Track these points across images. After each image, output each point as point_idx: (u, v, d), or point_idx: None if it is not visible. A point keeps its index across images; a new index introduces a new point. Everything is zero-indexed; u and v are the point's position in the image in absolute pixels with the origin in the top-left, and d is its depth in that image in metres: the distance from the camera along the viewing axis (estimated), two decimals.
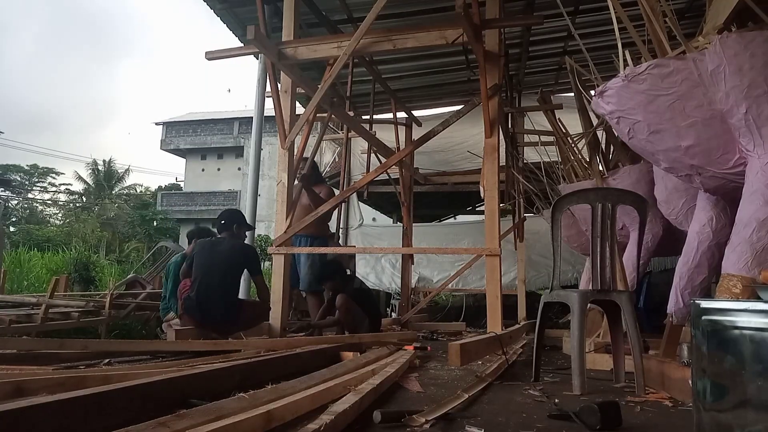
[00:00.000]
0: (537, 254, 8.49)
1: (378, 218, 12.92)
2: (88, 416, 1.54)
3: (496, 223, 4.18)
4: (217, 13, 6.02)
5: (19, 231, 28.38)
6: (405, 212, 7.59)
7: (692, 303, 1.58)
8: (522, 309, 7.12)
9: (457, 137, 8.54)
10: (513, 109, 7.47)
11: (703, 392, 1.49)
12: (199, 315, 3.97)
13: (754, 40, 2.09)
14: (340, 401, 1.83)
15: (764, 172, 2.10)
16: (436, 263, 9.21)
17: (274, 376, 2.35)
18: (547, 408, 2.10)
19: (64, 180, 37.78)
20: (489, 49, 4.26)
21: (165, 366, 2.60)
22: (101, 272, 11.13)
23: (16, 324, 4.19)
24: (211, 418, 1.50)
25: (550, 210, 2.86)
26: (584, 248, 4.77)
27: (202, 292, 3.95)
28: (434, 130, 4.60)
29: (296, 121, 4.64)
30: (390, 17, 5.87)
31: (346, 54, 4.22)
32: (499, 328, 3.91)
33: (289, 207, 4.57)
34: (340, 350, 3.30)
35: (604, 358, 3.20)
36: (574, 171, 4.73)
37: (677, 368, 2.45)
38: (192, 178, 33.92)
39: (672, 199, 3.27)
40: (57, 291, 5.09)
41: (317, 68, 6.78)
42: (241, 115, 31.11)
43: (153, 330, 5.24)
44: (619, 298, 2.67)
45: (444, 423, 1.82)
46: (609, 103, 2.43)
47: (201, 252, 4.21)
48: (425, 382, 2.64)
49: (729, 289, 2.09)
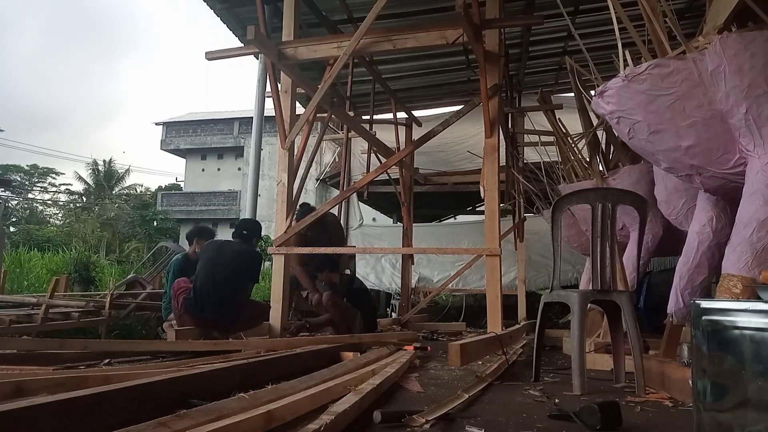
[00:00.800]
0: (537, 254, 8.49)
1: (378, 218, 12.92)
2: (89, 416, 1.54)
3: (496, 223, 4.18)
4: (217, 13, 6.02)
5: (19, 231, 28.36)
6: (405, 212, 7.59)
7: (692, 303, 1.58)
8: (522, 309, 7.12)
9: (457, 137, 8.54)
10: (513, 109, 7.47)
11: (704, 392, 1.49)
12: (198, 313, 3.97)
13: (755, 40, 2.09)
14: (341, 401, 1.83)
15: (764, 172, 2.10)
16: (436, 263, 9.21)
17: (274, 376, 2.35)
18: (548, 408, 2.10)
19: (64, 180, 37.84)
20: (489, 49, 4.26)
21: (165, 366, 2.60)
22: (101, 272, 11.11)
23: (16, 324, 4.18)
24: (212, 418, 1.50)
25: (551, 210, 2.86)
26: (584, 248, 4.76)
27: (203, 291, 3.96)
28: (434, 130, 4.60)
29: (296, 121, 4.65)
30: (390, 17, 5.87)
31: (346, 54, 4.22)
32: (499, 328, 3.91)
33: (289, 207, 4.57)
34: (341, 350, 3.30)
35: (604, 358, 3.20)
36: (575, 171, 4.73)
37: (677, 368, 2.45)
38: (192, 178, 33.90)
39: (672, 199, 3.27)
40: (57, 291, 5.08)
41: (317, 68, 6.78)
42: (241, 115, 31.08)
43: (153, 330, 5.24)
44: (619, 298, 2.68)
45: (444, 423, 1.82)
46: (609, 103, 2.43)
47: (207, 251, 4.25)
48: (425, 383, 2.64)
49: (729, 289, 2.09)
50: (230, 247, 4.27)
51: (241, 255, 4.20)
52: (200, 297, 3.97)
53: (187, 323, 4.01)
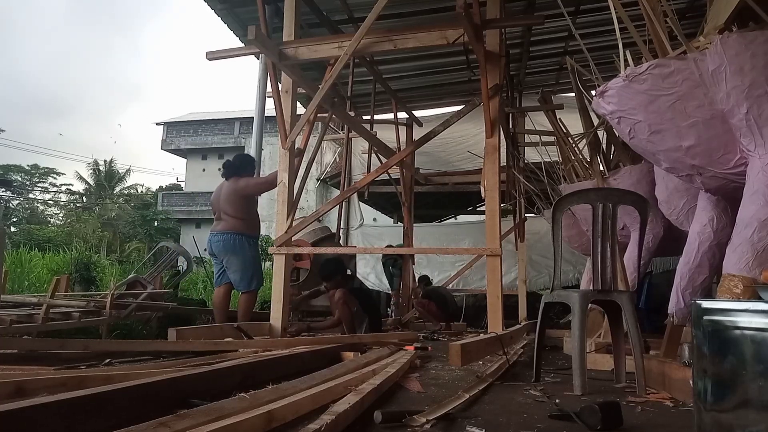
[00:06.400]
0: (538, 254, 8.50)
1: (378, 218, 12.94)
2: (89, 416, 1.54)
3: (496, 223, 4.18)
4: (217, 13, 6.03)
5: (20, 231, 28.40)
6: (406, 212, 7.59)
7: (693, 303, 1.58)
8: (523, 309, 7.13)
9: (457, 137, 8.55)
10: (514, 109, 7.47)
11: (704, 392, 1.48)
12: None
13: (755, 40, 2.09)
14: (341, 401, 1.82)
15: (765, 173, 2.10)
16: (436, 263, 9.22)
17: (274, 376, 2.35)
18: (548, 408, 2.10)
19: (65, 180, 37.87)
20: (490, 49, 4.26)
21: (166, 366, 2.60)
22: (102, 272, 11.14)
23: (17, 324, 4.17)
24: (212, 418, 1.50)
25: (551, 210, 2.85)
26: (585, 248, 4.76)
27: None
28: (435, 131, 4.60)
29: (297, 121, 4.65)
30: (391, 17, 5.87)
31: (347, 54, 4.22)
32: (500, 329, 3.91)
33: (290, 207, 4.57)
34: (341, 350, 3.30)
35: (605, 359, 3.19)
36: (575, 171, 4.73)
37: (678, 368, 2.45)
38: (193, 178, 33.90)
39: (673, 199, 3.27)
40: (58, 291, 5.08)
41: (318, 68, 6.79)
42: (242, 115, 31.09)
43: (154, 330, 5.24)
44: (619, 299, 2.67)
45: (445, 423, 1.82)
46: (610, 103, 2.43)
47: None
48: (426, 383, 2.63)
49: (730, 289, 2.09)
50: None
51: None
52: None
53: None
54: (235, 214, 4.82)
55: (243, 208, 4.84)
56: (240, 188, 4.87)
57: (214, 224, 4.98)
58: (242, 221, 4.82)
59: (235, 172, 4.99)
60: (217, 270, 4.99)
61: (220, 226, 4.86)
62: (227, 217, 4.84)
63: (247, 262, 4.80)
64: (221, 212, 4.88)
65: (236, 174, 4.97)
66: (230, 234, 4.80)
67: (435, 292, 6.75)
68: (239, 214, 4.82)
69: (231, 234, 4.80)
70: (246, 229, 4.85)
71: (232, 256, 4.78)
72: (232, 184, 4.92)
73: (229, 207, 4.82)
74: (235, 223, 4.81)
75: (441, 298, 6.48)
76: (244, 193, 4.88)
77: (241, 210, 4.83)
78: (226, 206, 4.85)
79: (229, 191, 4.88)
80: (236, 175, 4.96)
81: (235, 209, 4.82)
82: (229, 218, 4.82)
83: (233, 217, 4.81)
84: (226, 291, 4.92)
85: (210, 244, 4.90)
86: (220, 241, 4.81)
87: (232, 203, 4.83)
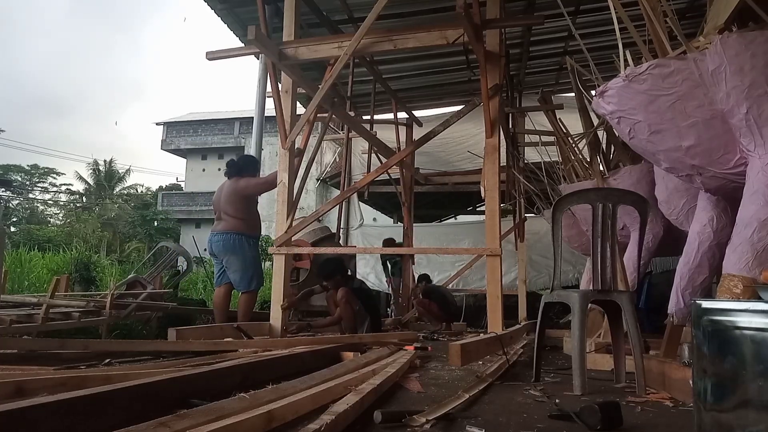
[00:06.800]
0: (538, 254, 8.49)
1: (378, 218, 12.94)
2: (89, 416, 1.54)
3: (496, 223, 4.18)
4: (217, 13, 6.03)
5: (20, 231, 28.40)
6: (405, 212, 7.59)
7: (693, 303, 1.58)
8: (522, 309, 7.12)
9: (457, 137, 8.54)
10: (514, 109, 7.47)
11: (704, 392, 1.48)
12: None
13: (755, 40, 2.09)
14: (341, 401, 1.82)
15: (765, 173, 2.10)
16: (436, 263, 9.21)
17: (274, 376, 2.35)
18: (548, 408, 2.10)
19: (64, 180, 37.87)
20: (490, 49, 4.26)
21: (165, 366, 2.60)
22: (102, 272, 11.14)
23: (17, 324, 4.17)
24: (212, 418, 1.50)
25: (551, 210, 2.85)
26: (585, 248, 4.76)
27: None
28: (435, 131, 4.60)
29: (297, 121, 4.65)
30: (390, 17, 5.87)
31: (347, 54, 4.22)
32: (500, 329, 3.91)
33: (290, 207, 4.58)
34: (341, 350, 3.30)
35: (604, 359, 3.19)
36: (575, 171, 4.73)
37: (678, 368, 2.45)
38: (193, 178, 33.90)
39: (673, 199, 3.27)
40: (58, 291, 5.08)
41: (318, 68, 6.79)
42: (242, 115, 31.08)
43: (154, 330, 5.25)
44: (619, 299, 2.67)
45: (444, 423, 1.82)
46: (610, 103, 2.43)
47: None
48: (426, 383, 2.63)
49: (730, 289, 2.09)
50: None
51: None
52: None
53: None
54: (236, 214, 4.82)
55: (243, 208, 4.85)
56: (240, 188, 4.87)
57: (215, 224, 4.99)
58: (242, 221, 4.82)
59: (237, 171, 5.00)
60: (218, 270, 5.00)
61: (221, 226, 4.86)
62: (227, 217, 4.84)
63: (248, 262, 4.80)
64: (222, 212, 4.89)
65: (238, 174, 4.98)
66: (230, 234, 4.80)
67: (435, 292, 6.74)
68: (239, 214, 4.82)
69: (231, 234, 4.80)
70: (246, 229, 4.86)
71: (232, 256, 4.78)
72: (232, 184, 4.92)
73: (230, 207, 4.83)
74: (236, 223, 4.81)
75: (441, 298, 6.47)
76: (245, 194, 4.88)
77: (241, 210, 4.83)
78: (226, 206, 4.85)
79: (230, 191, 4.89)
80: (238, 175, 4.97)
81: (235, 209, 4.82)
82: (230, 218, 4.82)
83: (233, 217, 4.81)
84: (226, 291, 4.93)
85: (210, 244, 4.90)
86: (221, 241, 4.82)
87: (233, 203, 4.84)
